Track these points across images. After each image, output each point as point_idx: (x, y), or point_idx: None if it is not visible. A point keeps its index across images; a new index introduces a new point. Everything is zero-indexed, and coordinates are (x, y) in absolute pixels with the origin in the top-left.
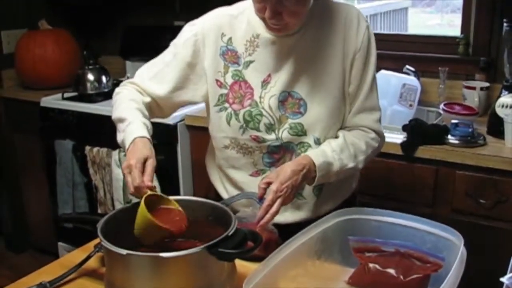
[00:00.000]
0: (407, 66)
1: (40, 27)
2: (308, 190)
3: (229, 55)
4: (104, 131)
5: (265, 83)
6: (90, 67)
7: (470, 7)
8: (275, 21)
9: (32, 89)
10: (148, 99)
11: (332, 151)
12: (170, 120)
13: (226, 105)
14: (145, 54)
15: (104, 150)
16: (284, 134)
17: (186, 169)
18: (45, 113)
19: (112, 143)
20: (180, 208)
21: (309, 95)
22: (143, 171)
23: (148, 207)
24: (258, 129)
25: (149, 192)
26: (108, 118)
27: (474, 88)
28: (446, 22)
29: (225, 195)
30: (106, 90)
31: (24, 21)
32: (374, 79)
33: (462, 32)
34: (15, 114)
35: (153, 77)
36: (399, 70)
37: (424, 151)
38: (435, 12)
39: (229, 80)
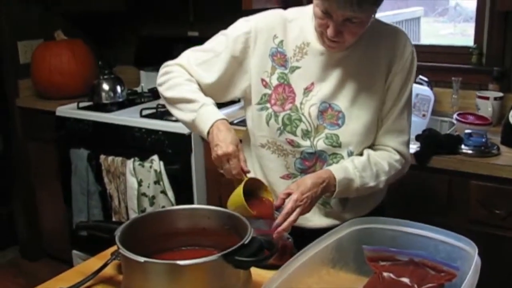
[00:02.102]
0: (420, 76)
1: (56, 38)
2: (335, 200)
3: (278, 57)
4: (119, 140)
5: (307, 90)
6: (105, 77)
7: (483, 17)
8: (336, 39)
9: (48, 98)
10: (196, 85)
11: (354, 168)
12: (184, 130)
13: (268, 105)
14: (159, 64)
15: (119, 159)
16: (319, 143)
17: (200, 178)
18: (60, 122)
19: (127, 152)
20: (270, 198)
21: (349, 109)
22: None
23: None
24: (294, 134)
25: (246, 177)
26: (123, 127)
27: (487, 98)
28: (459, 32)
29: None
30: (120, 99)
31: (40, 31)
32: (407, 103)
33: (475, 42)
34: (31, 123)
35: (201, 63)
36: None
37: (437, 161)
38: (448, 21)
39: (274, 81)
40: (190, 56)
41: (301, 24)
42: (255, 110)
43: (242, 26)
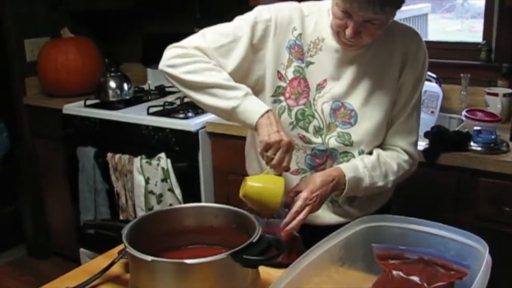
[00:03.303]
0: (429, 73)
1: (63, 35)
2: (343, 198)
3: (296, 50)
4: (126, 138)
5: (320, 86)
6: (112, 74)
7: (492, 13)
8: (354, 40)
9: (55, 96)
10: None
11: (364, 167)
12: (191, 127)
13: (281, 98)
14: None
15: (126, 157)
16: (331, 140)
17: (207, 175)
18: (67, 120)
19: (134, 150)
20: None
21: (362, 108)
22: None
23: None
24: (306, 130)
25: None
26: (130, 125)
27: (496, 95)
28: (467, 28)
29: None
30: (127, 97)
31: (46, 29)
32: (417, 104)
33: (484, 38)
34: (37, 121)
35: (219, 47)
36: None
37: (446, 158)
38: (455, 18)
39: (290, 74)
40: (208, 38)
41: (316, 19)
42: (268, 102)
43: (262, 13)
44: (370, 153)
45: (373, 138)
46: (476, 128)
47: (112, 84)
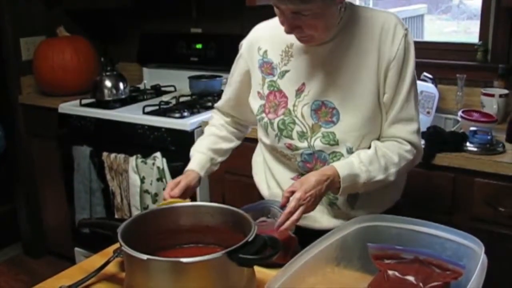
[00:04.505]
0: (425, 73)
1: (58, 34)
2: (342, 200)
3: (265, 67)
4: (122, 137)
5: (299, 91)
6: (108, 73)
7: (489, 14)
8: (296, 34)
9: (50, 95)
10: (229, 118)
11: (359, 163)
12: (187, 127)
13: (263, 115)
14: (162, 61)
15: (122, 156)
16: (316, 142)
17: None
18: (63, 120)
19: (129, 149)
20: None
21: (342, 104)
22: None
23: None
24: (291, 137)
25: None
26: (126, 124)
27: (493, 95)
28: (462, 29)
29: (266, 194)
30: (123, 96)
31: (42, 28)
32: (412, 89)
33: (480, 39)
34: (33, 120)
35: (223, 98)
36: (416, 77)
37: (442, 159)
38: (451, 19)
39: (265, 91)
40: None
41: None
42: (258, 121)
43: (239, 54)
44: (369, 148)
45: (359, 133)
46: (472, 128)
47: (108, 83)
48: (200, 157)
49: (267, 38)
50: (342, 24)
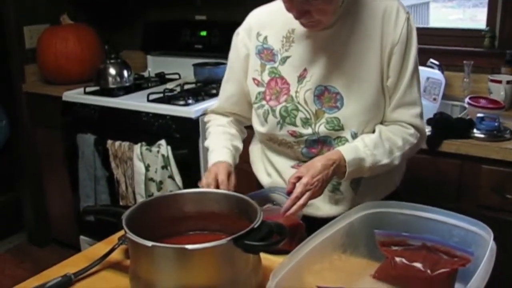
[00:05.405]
0: (431, 60)
1: (62, 22)
2: (345, 185)
3: (265, 53)
4: (126, 125)
5: (301, 77)
6: (112, 61)
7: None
8: (304, 19)
9: (54, 83)
10: (230, 118)
11: (364, 147)
12: (192, 114)
13: (263, 102)
14: (167, 48)
15: (126, 144)
16: (321, 128)
17: (207, 162)
18: (67, 108)
19: (134, 137)
20: None
21: (346, 89)
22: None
23: None
24: (294, 124)
25: None
26: (130, 112)
27: (500, 82)
28: (468, 17)
29: (267, 182)
30: (127, 84)
31: (46, 16)
32: (414, 73)
33: (487, 25)
34: (37, 108)
35: (222, 97)
36: (423, 63)
37: (449, 145)
38: (457, 7)
39: (266, 78)
40: (218, 100)
41: (284, 13)
42: (254, 109)
43: (234, 40)
44: (373, 132)
45: (364, 118)
46: (479, 115)
47: (112, 71)
48: (226, 151)
49: (267, 23)
50: (344, 8)
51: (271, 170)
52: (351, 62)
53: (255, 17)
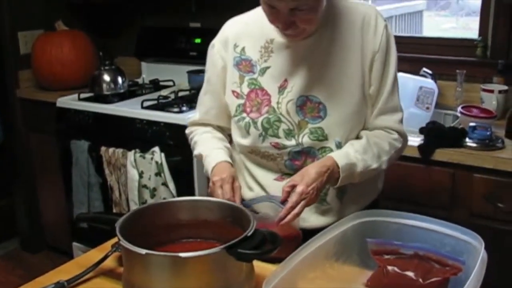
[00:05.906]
0: (424, 69)
1: (57, 28)
2: (331, 195)
3: (243, 64)
4: (120, 131)
5: (281, 88)
6: (106, 67)
7: (488, 9)
8: (291, 30)
9: (48, 89)
10: (212, 127)
11: (355, 152)
12: (186, 121)
13: (244, 115)
14: (161, 55)
15: (120, 150)
16: (305, 139)
17: (201, 170)
18: (61, 114)
19: (128, 144)
20: None
21: (328, 98)
22: (233, 188)
23: None
24: (277, 136)
25: None
26: (124, 118)
27: (492, 91)
28: (461, 26)
29: (250, 196)
30: (122, 90)
31: (40, 22)
32: (395, 79)
33: (480, 34)
34: (31, 114)
35: (202, 110)
36: (416, 72)
37: (441, 154)
38: (450, 15)
39: (245, 89)
40: (196, 113)
41: (261, 23)
42: (234, 122)
43: (210, 52)
44: (357, 138)
45: (347, 127)
46: (471, 124)
47: (106, 77)
48: (222, 152)
49: (244, 34)
50: (322, 17)
51: (253, 184)
52: (332, 71)
53: (231, 28)
